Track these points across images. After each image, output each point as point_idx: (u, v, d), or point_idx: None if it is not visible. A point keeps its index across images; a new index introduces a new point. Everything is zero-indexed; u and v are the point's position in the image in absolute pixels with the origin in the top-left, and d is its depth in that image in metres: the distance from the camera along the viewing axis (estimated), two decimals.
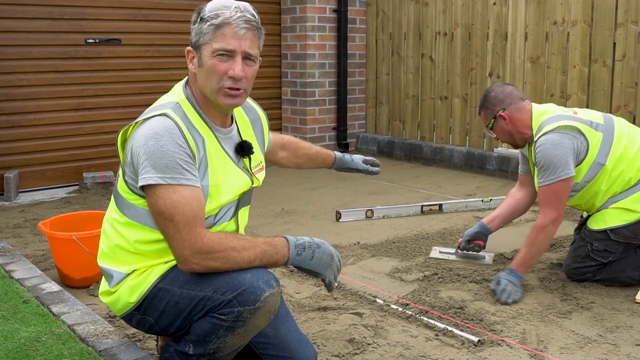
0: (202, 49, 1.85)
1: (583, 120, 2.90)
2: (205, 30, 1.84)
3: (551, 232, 2.86)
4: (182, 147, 1.79)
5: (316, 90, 6.42)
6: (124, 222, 1.91)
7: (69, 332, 2.35)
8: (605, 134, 2.89)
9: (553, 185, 2.81)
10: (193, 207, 1.77)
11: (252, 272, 1.79)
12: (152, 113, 1.84)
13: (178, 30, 5.64)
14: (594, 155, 2.86)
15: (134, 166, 1.82)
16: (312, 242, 1.89)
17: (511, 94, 2.99)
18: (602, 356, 2.36)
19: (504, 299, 2.80)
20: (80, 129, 5.22)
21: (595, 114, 3.00)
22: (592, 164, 2.87)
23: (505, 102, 2.98)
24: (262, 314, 1.79)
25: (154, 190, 1.77)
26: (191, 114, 1.88)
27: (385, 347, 2.41)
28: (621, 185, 2.91)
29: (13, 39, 4.81)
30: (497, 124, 3.02)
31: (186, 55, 1.92)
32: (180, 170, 1.77)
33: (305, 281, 3.08)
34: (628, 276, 2.96)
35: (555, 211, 2.84)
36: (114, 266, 1.94)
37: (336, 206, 4.47)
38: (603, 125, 2.92)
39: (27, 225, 4.02)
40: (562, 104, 5.19)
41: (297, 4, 6.29)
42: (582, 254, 2.98)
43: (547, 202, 2.85)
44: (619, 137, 2.91)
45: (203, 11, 1.87)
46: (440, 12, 6.02)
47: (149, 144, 1.77)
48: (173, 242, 1.77)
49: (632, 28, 4.77)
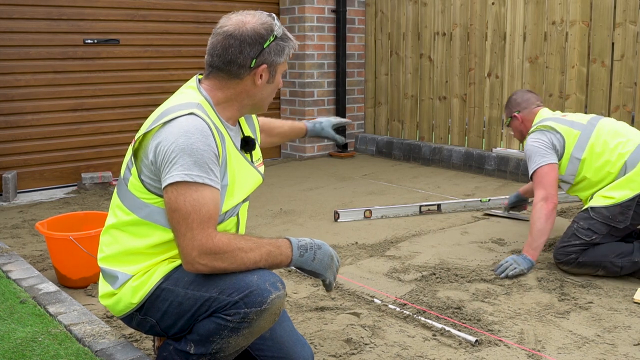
0: (278, 68, 1.96)
1: (563, 121, 3.31)
2: (286, 51, 1.96)
3: (544, 209, 3.12)
4: (211, 147, 1.80)
5: (315, 91, 6.42)
6: (135, 222, 1.89)
7: (65, 332, 2.35)
8: (583, 132, 3.24)
9: (538, 170, 3.20)
10: (210, 208, 1.77)
11: (259, 274, 1.80)
12: (177, 113, 1.82)
13: (176, 31, 5.65)
14: (571, 150, 3.23)
15: (156, 165, 1.80)
16: (313, 243, 1.90)
17: (529, 99, 3.50)
18: (600, 356, 2.35)
19: (497, 272, 3.09)
20: (78, 129, 5.22)
21: (583, 117, 3.36)
22: (570, 158, 3.23)
23: (521, 106, 3.50)
24: (268, 316, 1.79)
25: (176, 186, 1.76)
26: (211, 115, 1.90)
27: (383, 347, 2.41)
28: (605, 176, 3.17)
29: (11, 40, 4.81)
30: (513, 123, 3.55)
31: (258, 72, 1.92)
32: (206, 170, 1.77)
33: (303, 281, 3.07)
34: (611, 262, 3.06)
35: (542, 190, 3.16)
36: (120, 267, 1.92)
37: (334, 206, 4.46)
38: (584, 125, 3.27)
39: (25, 225, 4.02)
40: (560, 104, 5.20)
41: (295, 4, 6.29)
42: (569, 233, 3.19)
43: (535, 184, 3.22)
44: (599, 132, 3.23)
45: (275, 29, 1.92)
46: (439, 12, 6.02)
47: (179, 141, 1.76)
48: (183, 240, 1.76)
49: (630, 28, 4.76)
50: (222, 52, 1.89)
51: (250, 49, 1.88)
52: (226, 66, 1.90)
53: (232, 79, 1.92)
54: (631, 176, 3.10)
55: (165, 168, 1.78)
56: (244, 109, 2.00)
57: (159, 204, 1.85)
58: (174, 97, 1.96)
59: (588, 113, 5.02)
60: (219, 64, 1.91)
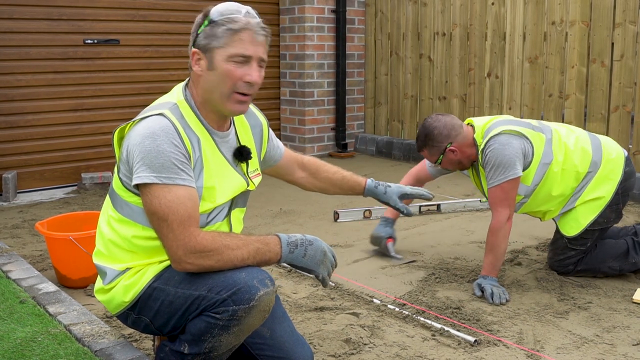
0: (215, 53, 1.83)
1: (525, 124, 2.98)
2: (220, 34, 1.82)
3: (507, 229, 2.89)
4: (178, 147, 1.79)
5: (315, 91, 6.42)
6: (119, 219, 1.92)
7: (65, 332, 2.35)
8: (547, 136, 2.96)
9: (503, 184, 2.85)
10: (187, 207, 1.77)
11: (247, 271, 1.80)
12: (148, 113, 1.85)
13: (176, 31, 5.65)
14: (540, 156, 2.91)
15: (129, 164, 1.82)
16: (304, 239, 1.89)
17: (454, 125, 2.99)
18: (599, 356, 2.35)
19: (497, 301, 2.80)
20: (78, 129, 5.22)
21: (530, 120, 3.08)
22: (538, 164, 2.92)
23: (451, 136, 2.98)
24: (257, 313, 1.79)
25: (149, 189, 1.77)
26: (188, 116, 1.89)
27: (382, 347, 2.41)
28: (572, 178, 2.95)
29: (11, 40, 4.81)
30: (446, 158, 3.03)
31: (191, 57, 1.89)
32: (175, 170, 1.77)
33: (303, 281, 3.08)
34: (609, 266, 3.04)
35: (507, 208, 2.87)
36: (108, 263, 1.95)
37: (334, 206, 4.47)
38: (541, 127, 2.99)
39: (25, 225, 4.02)
40: (560, 104, 5.20)
41: (295, 4, 6.30)
42: (561, 245, 3.06)
43: (498, 201, 2.88)
44: (556, 132, 2.99)
45: (211, 13, 1.85)
46: (439, 12, 6.02)
47: (145, 142, 1.77)
48: (167, 241, 1.77)
49: (630, 28, 4.76)
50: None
51: (192, 37, 1.90)
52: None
53: (190, 71, 1.93)
54: (604, 167, 2.95)
55: (135, 169, 1.79)
56: (209, 105, 1.91)
57: (137, 203, 1.86)
58: (162, 97, 1.98)
59: (588, 113, 5.05)
60: None
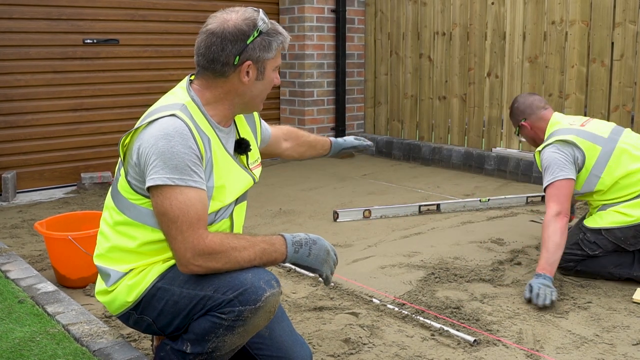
0: (266, 63, 1.91)
1: (583, 134, 3.05)
2: (273, 46, 1.90)
3: (558, 225, 2.90)
4: (192, 149, 1.79)
5: (315, 91, 6.42)
6: (125, 222, 1.90)
7: (63, 332, 2.35)
8: (604, 148, 3.01)
9: (555, 182, 2.97)
10: (197, 209, 1.77)
11: (253, 272, 1.80)
12: (160, 114, 1.82)
13: (176, 31, 5.64)
14: (590, 168, 3.01)
15: (140, 167, 1.81)
16: (308, 238, 1.90)
17: (532, 104, 3.28)
18: (598, 356, 2.35)
19: (541, 303, 2.73)
20: (78, 129, 5.22)
21: (604, 127, 3.12)
22: (588, 175, 3.02)
23: (526, 113, 3.28)
24: (263, 314, 1.79)
25: (160, 190, 1.76)
26: (197, 116, 1.88)
27: (381, 347, 2.41)
28: (622, 194, 3.00)
29: (11, 40, 4.81)
30: (522, 131, 3.36)
31: (243, 69, 1.88)
32: (188, 172, 1.77)
33: (302, 281, 3.07)
34: (609, 272, 3.04)
35: (557, 204, 2.93)
36: (112, 265, 1.93)
37: (334, 206, 4.46)
38: (605, 140, 3.05)
39: (24, 225, 4.02)
40: (560, 104, 5.19)
41: (295, 4, 6.29)
42: (573, 240, 3.07)
43: (549, 197, 2.99)
44: (620, 151, 3.02)
45: (259, 25, 1.87)
46: (439, 12, 6.01)
47: (159, 144, 1.76)
48: (175, 243, 1.77)
49: (630, 27, 4.76)
50: (205, 51, 1.88)
51: (232, 46, 1.86)
52: (210, 65, 1.88)
53: (218, 77, 1.90)
54: None
55: (147, 170, 1.78)
56: (235, 108, 1.97)
57: (146, 205, 1.85)
58: (164, 97, 1.96)
59: (588, 113, 5.04)
60: (204, 63, 1.89)
